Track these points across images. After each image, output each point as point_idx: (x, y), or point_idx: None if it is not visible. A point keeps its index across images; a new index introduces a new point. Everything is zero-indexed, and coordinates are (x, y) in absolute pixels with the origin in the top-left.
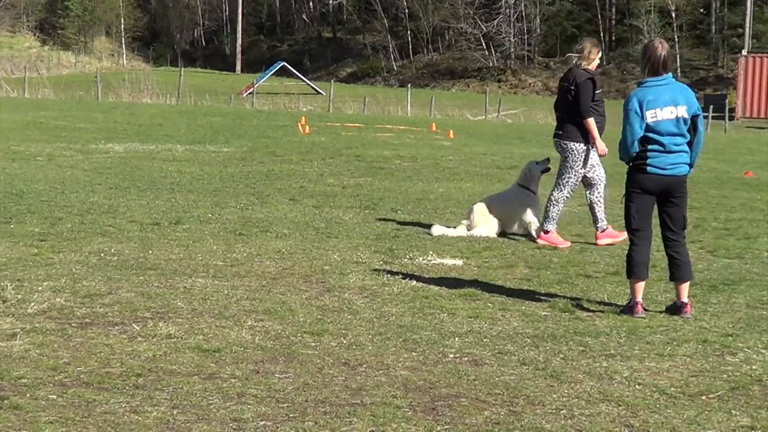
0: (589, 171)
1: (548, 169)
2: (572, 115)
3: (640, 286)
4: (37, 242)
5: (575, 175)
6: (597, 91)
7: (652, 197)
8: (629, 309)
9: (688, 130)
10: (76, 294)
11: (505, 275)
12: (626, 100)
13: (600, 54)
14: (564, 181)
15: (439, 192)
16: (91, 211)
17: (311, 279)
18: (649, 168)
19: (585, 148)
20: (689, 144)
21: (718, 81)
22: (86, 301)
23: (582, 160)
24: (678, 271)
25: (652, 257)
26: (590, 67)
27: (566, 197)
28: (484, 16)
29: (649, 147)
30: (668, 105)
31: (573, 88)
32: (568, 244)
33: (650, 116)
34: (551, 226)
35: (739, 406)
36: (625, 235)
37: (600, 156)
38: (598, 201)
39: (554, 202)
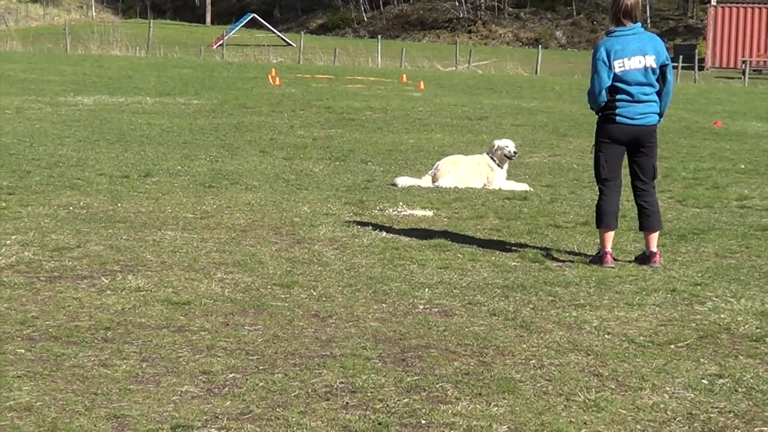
0: None
1: (510, 158)
2: None
3: (610, 235)
4: (5, 196)
5: None
6: None
7: (622, 147)
8: (599, 259)
9: (657, 80)
10: (44, 247)
11: (475, 226)
12: (594, 50)
13: None
14: None
15: (410, 143)
16: (60, 164)
17: (281, 231)
18: (618, 118)
19: None
20: (658, 94)
21: (688, 31)
22: (55, 255)
23: None
24: (647, 220)
25: (621, 207)
26: None
27: None
28: None
29: (618, 97)
30: (636, 54)
31: None
32: None
33: (618, 66)
34: None
35: (707, 355)
36: None
37: None
38: None
39: None
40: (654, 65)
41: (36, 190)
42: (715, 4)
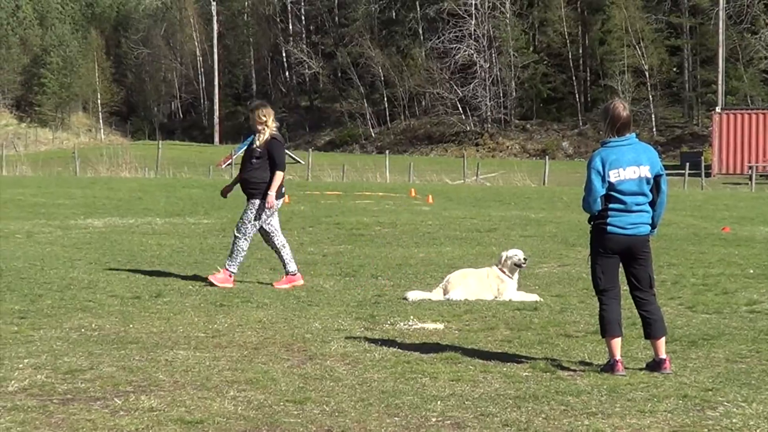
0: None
1: (520, 266)
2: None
3: (617, 343)
4: (17, 320)
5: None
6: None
7: (616, 257)
8: (609, 367)
9: (651, 190)
10: (57, 370)
11: (486, 337)
12: (590, 159)
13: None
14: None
15: (420, 257)
16: (71, 286)
17: (293, 348)
18: (609, 228)
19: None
20: (652, 204)
21: (694, 138)
22: (67, 377)
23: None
24: (651, 329)
25: (630, 315)
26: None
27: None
28: (460, 80)
29: (611, 206)
30: (631, 165)
31: None
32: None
33: (613, 176)
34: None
35: None
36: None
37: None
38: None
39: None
40: (649, 175)
41: (48, 313)
42: (719, 110)
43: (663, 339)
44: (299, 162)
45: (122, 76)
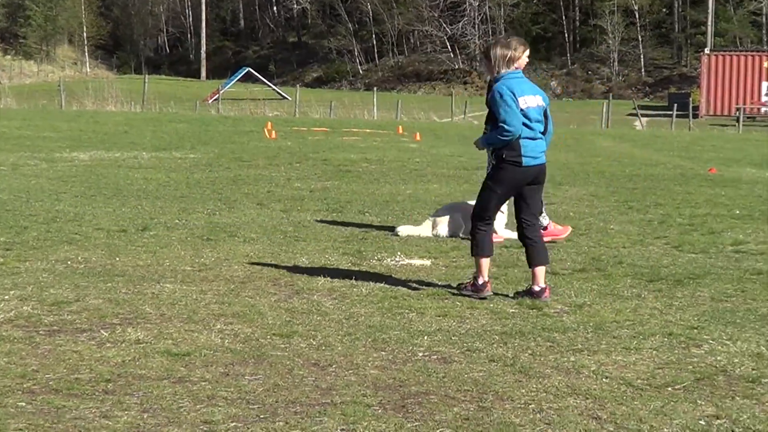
0: None
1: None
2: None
3: (487, 263)
4: (3, 251)
5: None
6: None
7: (516, 189)
8: (479, 288)
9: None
10: (43, 302)
11: (473, 274)
12: (496, 91)
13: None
14: None
15: (407, 194)
16: (57, 219)
17: (280, 282)
18: (525, 160)
19: None
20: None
21: (682, 79)
22: (54, 309)
23: None
24: (537, 255)
25: (617, 254)
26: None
27: None
28: (449, 18)
29: (524, 135)
30: (531, 94)
31: None
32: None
33: (522, 103)
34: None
35: (704, 396)
36: (568, 232)
37: None
38: None
39: None
40: (543, 104)
41: (33, 245)
42: (708, 52)
43: (545, 267)
44: (286, 98)
45: (108, 10)
